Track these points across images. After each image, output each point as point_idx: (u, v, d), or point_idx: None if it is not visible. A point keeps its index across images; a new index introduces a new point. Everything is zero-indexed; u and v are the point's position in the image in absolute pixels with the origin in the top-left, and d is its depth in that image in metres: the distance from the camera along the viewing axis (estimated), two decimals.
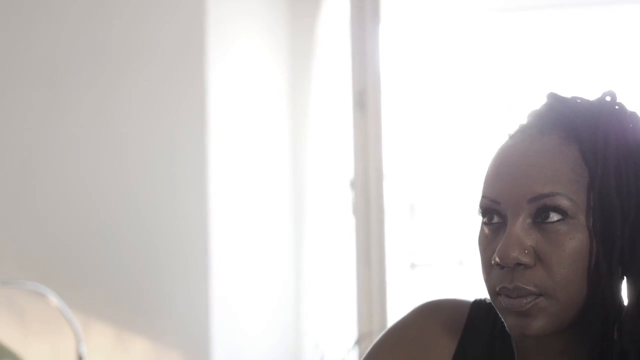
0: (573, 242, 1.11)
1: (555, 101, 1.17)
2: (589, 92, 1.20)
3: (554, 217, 1.11)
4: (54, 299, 2.57)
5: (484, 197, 1.15)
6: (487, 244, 1.16)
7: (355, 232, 3.14)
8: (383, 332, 1.32)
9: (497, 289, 1.14)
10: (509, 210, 1.13)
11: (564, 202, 1.10)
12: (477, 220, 1.18)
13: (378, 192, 3.11)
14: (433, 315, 1.28)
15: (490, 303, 1.26)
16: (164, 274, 2.87)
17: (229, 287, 2.98)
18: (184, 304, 2.87)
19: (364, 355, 1.32)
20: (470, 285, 3.24)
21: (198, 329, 2.87)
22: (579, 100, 1.17)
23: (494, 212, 1.15)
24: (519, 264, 1.11)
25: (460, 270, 3.33)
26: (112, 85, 2.88)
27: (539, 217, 1.11)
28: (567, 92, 1.20)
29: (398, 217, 3.31)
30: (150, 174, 2.89)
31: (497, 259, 1.12)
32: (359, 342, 2.91)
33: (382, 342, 1.30)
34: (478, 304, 1.29)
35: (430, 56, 3.41)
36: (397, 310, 3.15)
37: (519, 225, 1.12)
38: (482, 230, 1.17)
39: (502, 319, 1.16)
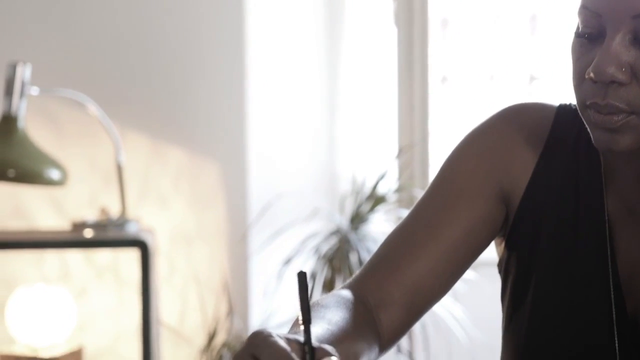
0: None
1: None
2: None
3: None
4: (93, 108, 2.55)
5: (584, 7, 1.10)
6: (582, 54, 1.12)
7: (397, 42, 3.09)
8: (463, 138, 1.29)
9: (588, 103, 1.11)
10: (609, 24, 1.08)
11: None
12: (572, 27, 1.13)
13: (422, 1, 3.04)
14: (517, 120, 1.25)
15: (576, 108, 1.23)
16: (201, 84, 2.84)
17: (264, 96, 2.96)
18: (220, 114, 2.86)
19: (444, 161, 1.29)
20: (500, 99, 3.22)
21: (234, 140, 2.87)
22: None
23: (593, 24, 1.10)
24: (613, 81, 1.08)
25: (491, 85, 3.30)
26: None
27: None
28: None
29: (430, 31, 3.25)
30: None
31: (591, 75, 1.08)
32: (399, 154, 2.91)
33: (463, 148, 1.27)
34: (564, 109, 1.25)
35: None
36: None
37: (619, 41, 1.07)
38: (577, 38, 1.13)
39: (589, 132, 1.14)
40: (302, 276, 0.94)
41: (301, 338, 0.93)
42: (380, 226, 2.85)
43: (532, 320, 1.21)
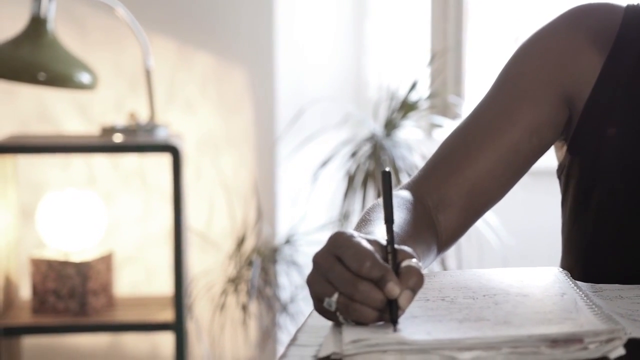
0: None
1: None
2: None
3: None
4: (121, 11, 2.51)
5: None
6: None
7: None
8: (526, 39, 1.26)
9: None
10: None
11: None
12: None
13: None
14: (583, 21, 1.22)
15: None
16: None
17: (292, 4, 2.92)
18: (248, 18, 2.82)
19: (506, 61, 1.26)
20: (531, 4, 3.17)
21: (262, 45, 2.83)
22: None
23: None
24: None
25: None
26: None
27: None
28: None
29: None
30: None
31: None
32: (432, 61, 2.87)
33: (527, 49, 1.24)
34: (632, 10, 1.22)
35: None
36: None
37: None
38: None
39: None
40: (386, 175, 0.92)
41: (377, 238, 0.92)
42: (413, 133, 2.83)
43: (598, 223, 1.20)
